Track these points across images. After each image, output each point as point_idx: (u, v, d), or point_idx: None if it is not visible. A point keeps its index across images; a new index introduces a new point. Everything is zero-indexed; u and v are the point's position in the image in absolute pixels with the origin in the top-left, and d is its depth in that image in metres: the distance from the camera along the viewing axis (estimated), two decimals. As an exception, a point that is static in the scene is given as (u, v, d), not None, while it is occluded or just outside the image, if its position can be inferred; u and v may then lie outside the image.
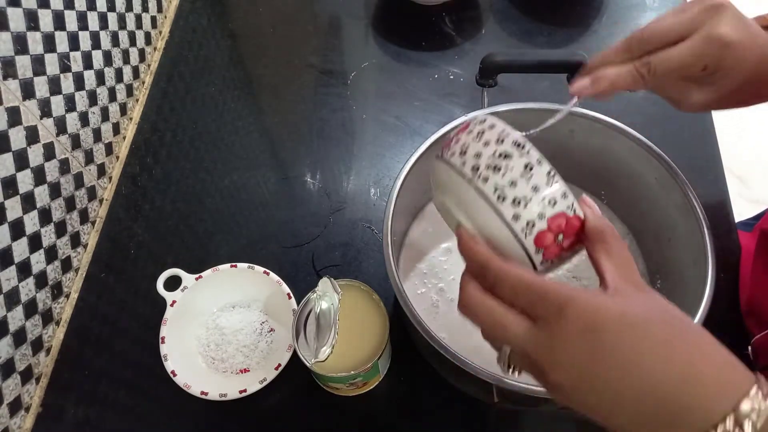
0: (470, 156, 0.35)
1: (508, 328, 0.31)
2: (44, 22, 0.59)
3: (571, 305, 0.29)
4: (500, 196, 0.34)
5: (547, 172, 0.34)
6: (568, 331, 0.29)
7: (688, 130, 0.73)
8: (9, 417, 0.56)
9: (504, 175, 0.34)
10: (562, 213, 0.34)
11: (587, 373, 0.28)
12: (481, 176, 0.34)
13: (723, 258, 0.64)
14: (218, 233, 0.69)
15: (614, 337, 0.28)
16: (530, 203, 0.33)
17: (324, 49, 0.84)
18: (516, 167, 0.34)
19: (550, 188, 0.34)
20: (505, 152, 0.34)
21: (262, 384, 0.55)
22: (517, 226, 0.33)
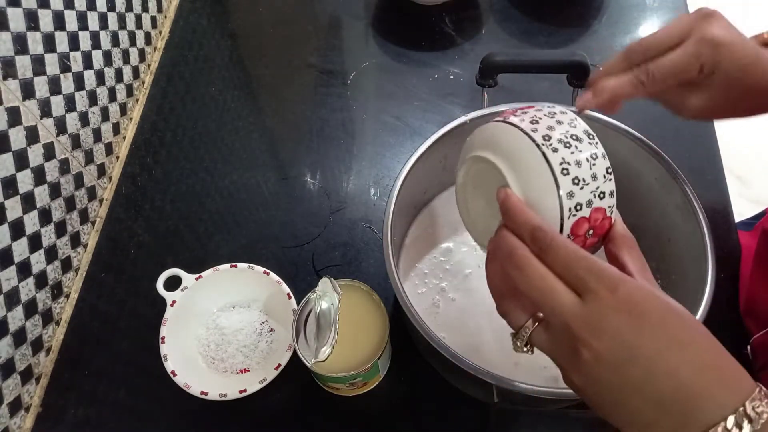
0: (542, 126, 0.36)
1: (557, 295, 0.31)
2: (44, 22, 0.59)
3: (625, 285, 0.30)
4: (564, 170, 0.35)
5: (606, 168, 0.36)
6: (618, 306, 0.29)
7: (688, 130, 0.73)
8: (9, 417, 0.56)
9: (572, 153, 0.35)
10: (603, 209, 0.36)
11: (627, 346, 0.29)
12: (551, 146, 0.35)
13: (723, 258, 0.64)
14: (218, 233, 0.69)
15: (659, 321, 0.29)
16: (586, 188, 0.35)
17: (324, 49, 0.84)
18: (584, 151, 0.35)
19: (605, 182, 0.35)
20: (577, 135, 0.36)
21: (262, 384, 0.55)
22: (568, 203, 0.35)
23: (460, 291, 0.60)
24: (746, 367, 0.29)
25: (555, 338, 0.32)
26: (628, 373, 0.29)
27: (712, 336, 0.30)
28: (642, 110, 0.77)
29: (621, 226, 0.37)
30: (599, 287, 0.30)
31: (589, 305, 0.30)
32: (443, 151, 0.57)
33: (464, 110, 0.57)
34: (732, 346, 0.29)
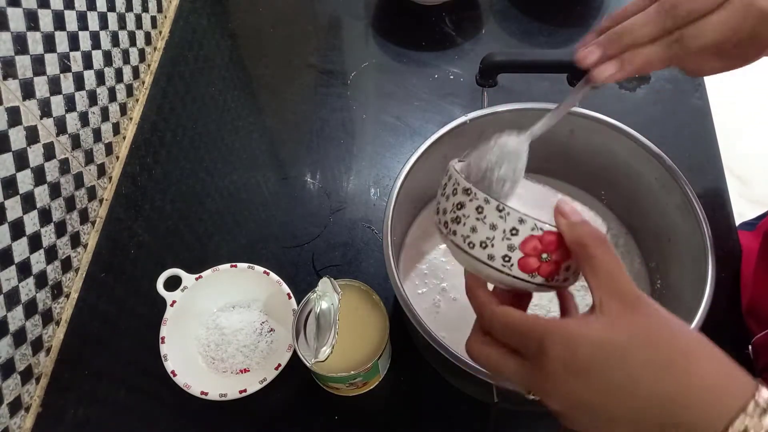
0: (441, 213, 0.38)
1: (503, 370, 0.32)
2: (44, 22, 0.59)
3: (548, 339, 0.29)
4: (470, 244, 0.36)
5: (496, 207, 0.35)
6: (551, 365, 0.29)
7: (688, 130, 0.73)
8: (9, 417, 0.56)
9: (464, 224, 0.36)
10: (529, 236, 0.34)
11: (579, 401, 0.29)
12: (450, 230, 0.37)
13: (723, 258, 0.64)
14: (218, 233, 0.69)
15: (598, 365, 0.28)
16: (495, 241, 0.35)
17: (324, 49, 0.84)
18: (470, 213, 0.36)
19: (504, 222, 0.34)
20: (460, 202, 0.37)
21: (262, 384, 0.55)
22: (496, 263, 0.35)
23: (460, 291, 0.60)
24: (748, 367, 0.28)
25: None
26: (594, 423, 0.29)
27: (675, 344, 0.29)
28: (642, 110, 0.77)
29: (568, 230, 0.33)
30: (529, 351, 0.30)
31: (531, 368, 0.31)
32: (443, 151, 0.57)
33: (464, 110, 0.57)
34: (732, 347, 0.29)
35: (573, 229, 0.32)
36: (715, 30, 0.35)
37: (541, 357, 0.29)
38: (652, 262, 0.60)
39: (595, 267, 0.31)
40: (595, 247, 0.31)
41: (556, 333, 0.29)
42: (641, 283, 0.60)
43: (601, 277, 0.30)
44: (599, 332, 0.29)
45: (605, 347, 0.28)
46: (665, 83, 0.76)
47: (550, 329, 0.29)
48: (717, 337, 0.30)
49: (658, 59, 0.37)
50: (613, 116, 0.56)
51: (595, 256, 0.31)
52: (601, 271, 0.30)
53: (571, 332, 0.29)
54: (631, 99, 0.75)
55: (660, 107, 0.75)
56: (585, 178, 0.63)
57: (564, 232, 0.33)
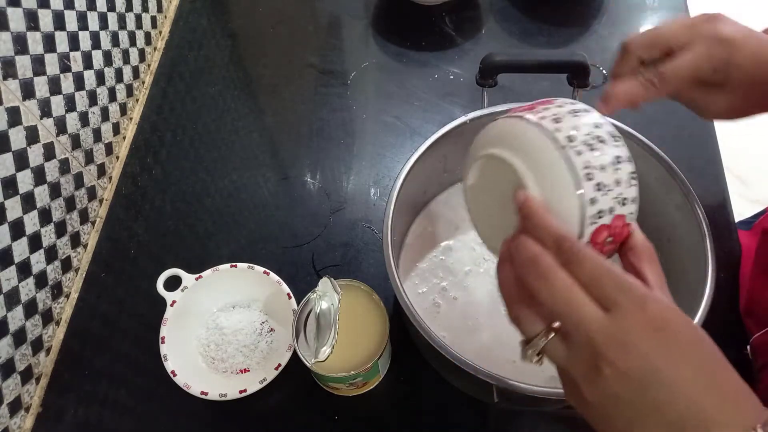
0: (566, 126, 0.34)
1: (583, 307, 0.30)
2: (44, 22, 0.59)
3: (653, 302, 0.29)
4: (588, 175, 0.33)
5: (630, 172, 0.34)
6: (647, 324, 0.29)
7: (688, 130, 0.73)
8: (9, 417, 0.56)
9: (597, 156, 0.33)
10: (623, 216, 0.34)
11: (653, 367, 0.28)
12: (575, 148, 0.33)
13: (723, 258, 0.64)
14: (218, 233, 0.69)
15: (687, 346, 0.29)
16: (609, 194, 0.33)
17: (324, 49, 0.84)
18: (609, 155, 0.33)
19: (628, 188, 0.34)
20: (601, 137, 0.34)
21: (262, 384, 0.55)
22: (590, 210, 0.33)
23: (460, 290, 0.60)
24: (746, 366, 0.29)
25: (573, 352, 0.30)
26: (650, 395, 0.28)
27: (724, 357, 0.30)
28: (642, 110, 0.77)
29: (640, 235, 0.35)
30: (628, 303, 0.29)
31: (616, 321, 0.29)
32: (443, 151, 0.57)
33: (464, 110, 0.57)
34: (732, 346, 0.29)
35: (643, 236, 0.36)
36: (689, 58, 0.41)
37: (639, 313, 0.29)
38: (652, 262, 0.60)
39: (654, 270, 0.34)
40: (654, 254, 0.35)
41: (660, 299, 0.30)
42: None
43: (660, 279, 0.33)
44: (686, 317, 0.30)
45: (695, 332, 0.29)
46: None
47: (654, 295, 0.30)
48: (716, 336, 0.30)
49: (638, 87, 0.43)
50: (613, 116, 0.56)
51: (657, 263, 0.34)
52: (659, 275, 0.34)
53: (673, 306, 0.30)
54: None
55: (660, 107, 0.75)
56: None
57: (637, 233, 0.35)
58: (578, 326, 0.30)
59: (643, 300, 0.29)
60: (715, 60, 0.41)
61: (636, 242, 0.35)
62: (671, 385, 0.28)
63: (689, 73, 0.42)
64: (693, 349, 0.29)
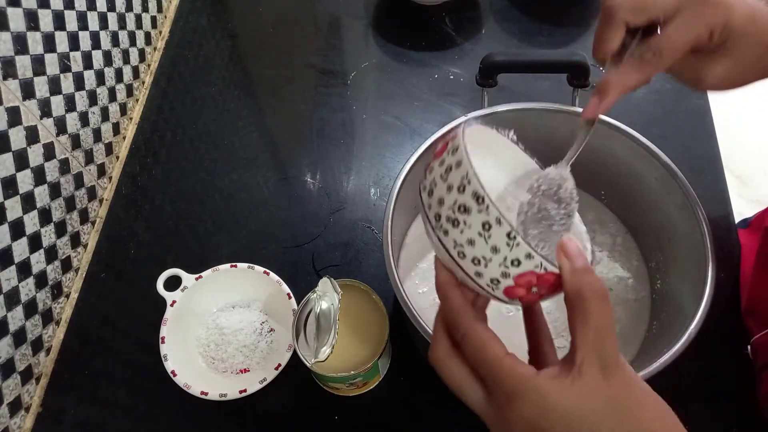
0: (435, 200, 0.32)
1: (465, 394, 0.31)
2: (44, 22, 0.59)
3: (521, 395, 0.29)
4: (460, 253, 0.31)
5: (507, 233, 0.30)
6: (514, 418, 0.29)
7: (688, 130, 0.73)
8: (9, 417, 0.56)
9: (462, 231, 0.31)
10: (530, 271, 0.30)
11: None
12: (442, 227, 0.32)
13: (723, 258, 0.64)
14: (218, 233, 0.69)
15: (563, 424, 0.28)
16: (490, 263, 0.31)
17: (324, 49, 0.84)
18: (474, 224, 0.30)
19: (511, 250, 0.30)
20: (465, 205, 0.31)
21: (262, 384, 0.55)
22: (481, 281, 0.32)
23: (460, 291, 0.60)
24: (747, 367, 0.29)
25: None
26: None
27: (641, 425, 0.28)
28: (642, 110, 0.77)
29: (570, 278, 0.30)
30: (497, 394, 0.30)
31: (492, 405, 0.30)
32: (443, 151, 0.57)
33: (464, 110, 0.57)
34: (732, 346, 0.29)
35: (575, 277, 0.30)
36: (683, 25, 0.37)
37: (509, 408, 0.29)
38: (652, 262, 0.60)
39: (587, 323, 0.29)
40: (594, 302, 0.29)
41: (531, 391, 0.28)
42: (641, 283, 0.60)
43: (590, 336, 0.28)
44: (574, 401, 0.28)
45: (575, 418, 0.28)
46: (665, 83, 0.76)
47: (525, 386, 0.29)
48: (716, 337, 0.30)
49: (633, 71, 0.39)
50: (613, 116, 0.56)
51: (591, 313, 0.29)
52: (592, 329, 0.28)
53: (546, 394, 0.28)
54: (631, 99, 0.75)
55: (660, 107, 0.75)
56: (585, 178, 0.62)
57: (565, 279, 0.30)
58: (470, 406, 0.32)
59: (509, 396, 0.29)
60: (711, 25, 0.37)
61: (566, 290, 0.30)
62: None
63: (687, 43, 0.38)
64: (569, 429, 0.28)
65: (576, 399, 0.28)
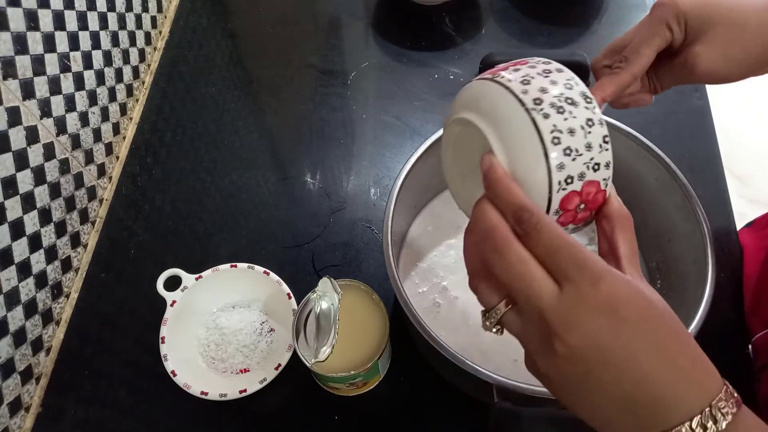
0: (534, 88, 0.32)
1: (536, 283, 0.29)
2: (44, 22, 0.59)
3: (608, 280, 0.28)
4: (555, 139, 0.31)
5: (603, 136, 0.32)
6: (598, 303, 0.28)
7: (688, 130, 0.73)
8: (9, 417, 0.56)
9: (566, 119, 0.31)
10: (597, 182, 0.32)
11: (601, 347, 0.28)
12: (542, 111, 0.31)
13: (723, 258, 0.64)
14: (218, 233, 0.69)
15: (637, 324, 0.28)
16: (579, 159, 0.31)
17: (324, 49, 0.84)
18: (579, 117, 0.32)
19: (601, 152, 0.32)
20: (572, 99, 0.32)
21: (262, 384, 0.55)
22: (557, 176, 0.31)
23: (460, 289, 0.60)
24: (748, 367, 0.29)
25: (527, 325, 0.30)
26: (596, 374, 0.28)
27: (685, 331, 0.29)
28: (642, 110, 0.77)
29: (617, 201, 0.34)
30: (581, 279, 0.28)
31: (567, 297, 0.28)
32: (443, 151, 0.57)
33: (464, 110, 0.57)
34: (732, 346, 0.29)
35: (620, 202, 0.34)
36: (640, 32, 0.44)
37: (596, 289, 0.28)
38: (652, 262, 0.60)
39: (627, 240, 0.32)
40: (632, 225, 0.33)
41: (616, 277, 0.28)
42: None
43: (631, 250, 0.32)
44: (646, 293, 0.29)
45: (651, 310, 0.29)
46: (665, 83, 0.76)
47: (611, 272, 0.28)
48: (717, 336, 0.30)
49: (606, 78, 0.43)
50: (613, 116, 0.56)
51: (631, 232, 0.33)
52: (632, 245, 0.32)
53: (631, 283, 0.29)
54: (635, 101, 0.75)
55: (660, 107, 0.75)
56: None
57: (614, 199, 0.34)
58: (529, 301, 0.29)
59: (596, 277, 0.28)
60: (662, 18, 0.42)
61: (611, 210, 0.33)
62: (617, 364, 0.28)
63: (645, 41, 0.43)
64: (645, 326, 0.28)
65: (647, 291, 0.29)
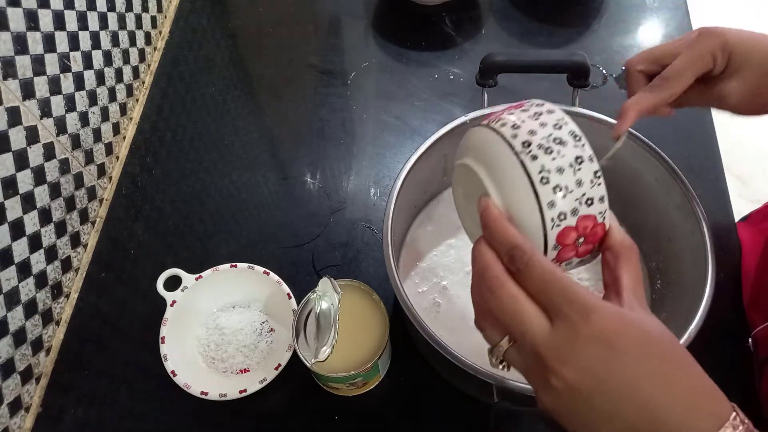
0: (524, 131, 0.34)
1: (527, 320, 0.30)
2: (44, 22, 0.59)
3: (598, 313, 0.29)
4: (544, 179, 0.33)
5: (594, 171, 0.33)
6: (589, 336, 0.28)
7: (688, 130, 0.73)
8: (9, 417, 0.56)
9: (554, 159, 0.33)
10: (593, 216, 0.33)
11: (597, 379, 0.28)
12: (530, 153, 0.33)
13: (723, 258, 0.64)
14: (218, 233, 0.69)
15: (633, 353, 0.28)
16: (570, 195, 0.33)
17: (324, 49, 0.84)
18: (567, 156, 0.33)
19: (592, 188, 0.33)
20: (561, 138, 0.34)
21: (262, 384, 0.55)
22: (549, 213, 0.33)
23: (460, 289, 0.60)
24: (746, 363, 0.29)
25: (526, 361, 0.31)
26: (597, 405, 0.28)
27: (689, 358, 0.29)
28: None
29: (618, 233, 0.35)
30: (571, 313, 0.29)
31: (559, 332, 0.29)
32: (443, 151, 0.57)
33: (464, 110, 0.57)
34: (732, 346, 0.29)
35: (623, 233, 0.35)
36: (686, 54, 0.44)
37: (587, 324, 0.28)
38: (652, 262, 0.60)
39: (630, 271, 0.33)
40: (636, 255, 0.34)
41: (607, 310, 0.29)
42: (641, 283, 0.60)
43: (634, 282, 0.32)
44: (641, 324, 0.29)
45: (647, 340, 0.29)
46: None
47: (601, 305, 0.29)
48: (716, 336, 0.30)
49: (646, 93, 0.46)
50: (613, 116, 0.56)
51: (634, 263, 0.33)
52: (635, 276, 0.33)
53: (622, 315, 0.29)
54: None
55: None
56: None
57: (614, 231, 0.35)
58: (524, 338, 0.30)
59: (587, 310, 0.29)
60: (710, 49, 0.44)
61: (613, 242, 0.34)
62: (616, 393, 0.28)
63: (689, 66, 0.44)
64: (639, 355, 0.28)
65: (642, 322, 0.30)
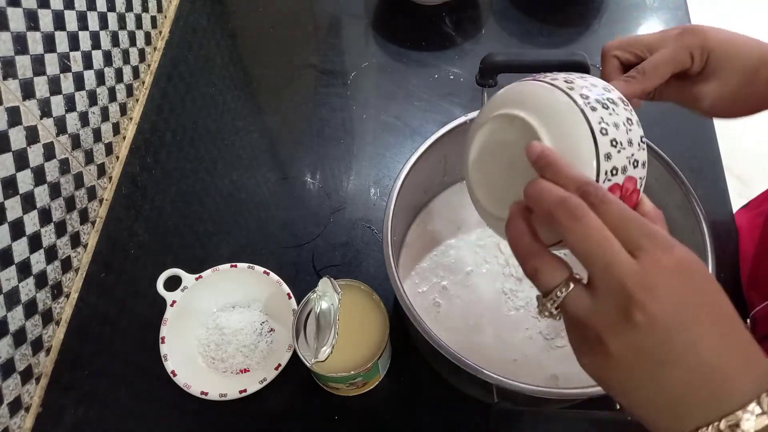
0: (578, 86, 0.34)
1: (616, 249, 0.29)
2: (44, 22, 0.59)
3: (679, 248, 0.29)
4: (603, 130, 0.32)
5: (641, 136, 0.34)
6: (673, 268, 0.28)
7: (688, 130, 0.73)
8: (9, 417, 0.56)
9: (611, 114, 0.33)
10: (635, 179, 0.33)
11: (682, 310, 0.28)
12: (590, 104, 0.33)
13: (723, 258, 0.64)
14: (218, 233, 0.69)
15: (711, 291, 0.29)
16: (623, 152, 0.33)
17: (324, 49, 0.84)
18: (621, 115, 0.34)
19: (639, 150, 0.34)
20: (612, 99, 0.34)
21: (262, 384, 0.55)
22: (604, 165, 0.32)
23: (460, 289, 0.60)
24: None
25: (600, 299, 0.29)
26: (677, 340, 0.27)
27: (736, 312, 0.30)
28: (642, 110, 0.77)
29: (650, 202, 0.34)
30: (654, 248, 0.28)
31: (644, 265, 0.28)
32: (443, 151, 0.57)
33: (464, 110, 0.57)
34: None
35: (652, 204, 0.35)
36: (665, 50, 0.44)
37: (668, 255, 0.28)
38: (652, 262, 0.60)
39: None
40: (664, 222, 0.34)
41: (683, 247, 0.29)
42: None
43: None
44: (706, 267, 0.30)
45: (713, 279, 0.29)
46: (665, 83, 0.76)
47: (677, 242, 0.29)
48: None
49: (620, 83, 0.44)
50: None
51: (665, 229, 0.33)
52: None
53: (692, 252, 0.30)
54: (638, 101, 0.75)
55: (660, 107, 0.75)
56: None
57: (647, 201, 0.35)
58: (609, 269, 0.28)
59: (668, 245, 0.29)
60: (689, 47, 0.43)
61: (646, 210, 0.34)
62: (697, 331, 0.28)
63: (666, 62, 0.44)
64: (712, 297, 0.29)
65: None
